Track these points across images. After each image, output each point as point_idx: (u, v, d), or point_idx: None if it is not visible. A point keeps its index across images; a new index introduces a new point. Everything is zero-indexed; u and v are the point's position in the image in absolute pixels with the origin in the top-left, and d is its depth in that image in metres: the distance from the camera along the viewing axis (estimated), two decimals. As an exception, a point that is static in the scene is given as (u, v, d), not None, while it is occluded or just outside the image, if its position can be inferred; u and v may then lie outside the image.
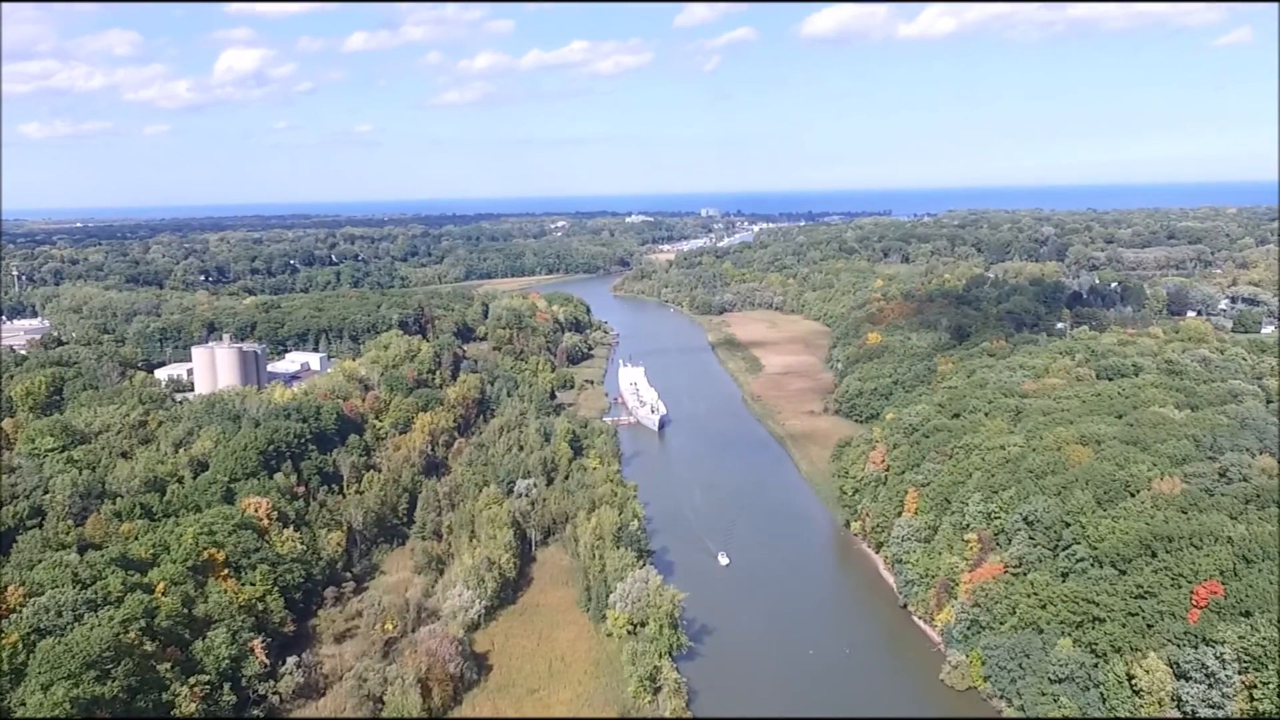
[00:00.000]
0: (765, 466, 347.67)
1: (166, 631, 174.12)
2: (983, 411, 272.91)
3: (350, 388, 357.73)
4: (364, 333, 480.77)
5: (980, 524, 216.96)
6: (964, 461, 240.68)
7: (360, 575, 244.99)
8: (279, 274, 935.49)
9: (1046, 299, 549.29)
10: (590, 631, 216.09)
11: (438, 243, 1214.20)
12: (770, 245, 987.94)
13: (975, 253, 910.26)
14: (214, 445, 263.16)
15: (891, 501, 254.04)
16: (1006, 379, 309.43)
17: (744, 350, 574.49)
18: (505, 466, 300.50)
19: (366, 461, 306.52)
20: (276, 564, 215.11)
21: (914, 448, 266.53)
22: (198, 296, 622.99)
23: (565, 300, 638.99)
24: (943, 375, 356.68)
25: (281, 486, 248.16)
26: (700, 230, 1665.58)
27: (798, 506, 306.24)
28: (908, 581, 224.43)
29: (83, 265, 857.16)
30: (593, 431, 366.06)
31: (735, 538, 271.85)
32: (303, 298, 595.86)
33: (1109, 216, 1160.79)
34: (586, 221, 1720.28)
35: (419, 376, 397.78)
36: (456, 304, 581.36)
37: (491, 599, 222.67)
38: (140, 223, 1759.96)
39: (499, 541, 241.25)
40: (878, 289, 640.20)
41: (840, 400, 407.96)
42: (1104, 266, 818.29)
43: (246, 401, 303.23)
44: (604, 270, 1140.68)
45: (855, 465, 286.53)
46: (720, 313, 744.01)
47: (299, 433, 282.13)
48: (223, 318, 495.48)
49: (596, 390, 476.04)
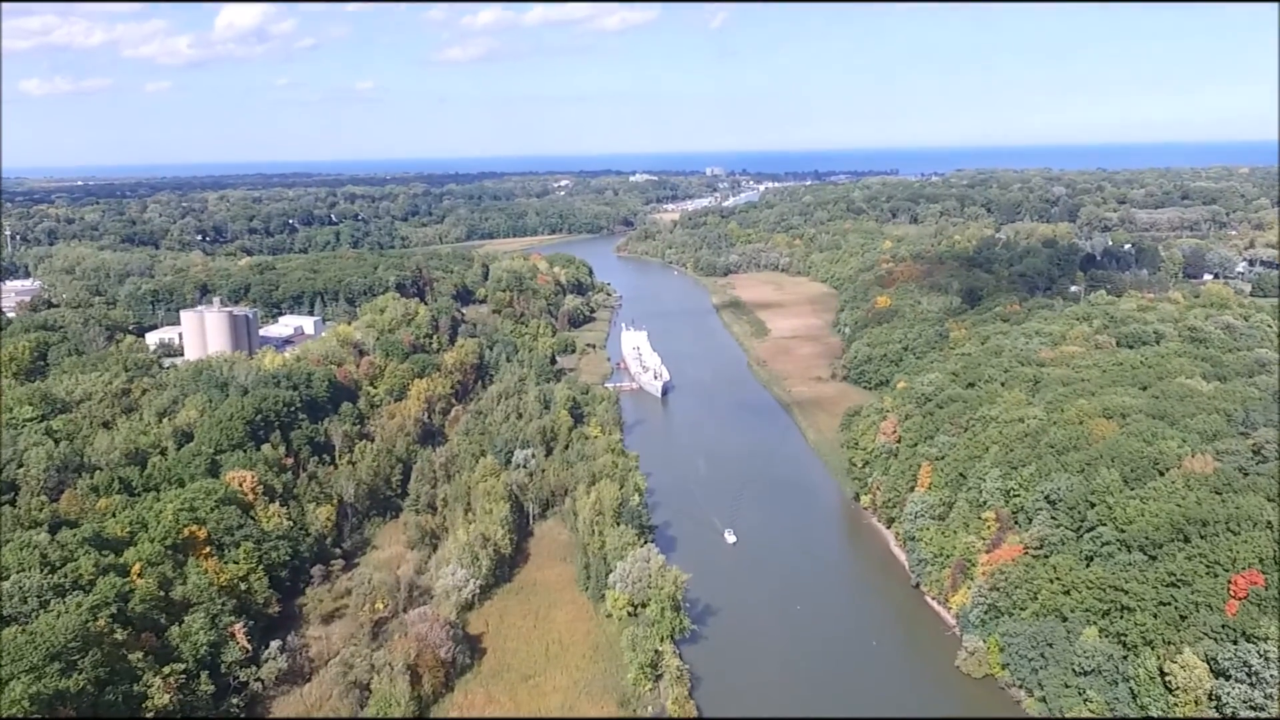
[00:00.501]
0: (771, 435, 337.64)
1: (141, 617, 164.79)
2: (999, 381, 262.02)
3: (344, 353, 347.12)
4: (360, 295, 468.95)
5: (998, 501, 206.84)
6: (980, 434, 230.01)
7: (351, 550, 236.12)
8: (277, 234, 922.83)
9: (1060, 261, 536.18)
10: (589, 612, 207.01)
11: (439, 202, 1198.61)
12: (776, 205, 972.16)
13: (985, 213, 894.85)
14: (199, 415, 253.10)
15: (903, 475, 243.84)
16: (1023, 346, 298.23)
17: (749, 313, 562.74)
18: (503, 436, 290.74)
19: (360, 430, 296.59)
20: (261, 541, 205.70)
21: (927, 419, 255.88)
22: (192, 257, 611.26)
23: (567, 262, 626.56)
24: (955, 341, 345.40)
25: (269, 458, 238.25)
26: (705, 190, 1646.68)
27: (805, 478, 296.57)
28: (921, 560, 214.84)
29: (78, 225, 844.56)
30: (594, 398, 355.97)
31: (740, 512, 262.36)
32: (298, 259, 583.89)
33: (1120, 176, 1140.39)
34: (590, 180, 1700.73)
35: (415, 341, 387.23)
36: (456, 265, 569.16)
37: (486, 577, 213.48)
38: (141, 181, 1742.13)
39: (495, 516, 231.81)
40: (886, 250, 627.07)
41: (848, 366, 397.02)
42: (1117, 228, 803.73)
43: (235, 368, 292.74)
44: (608, 230, 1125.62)
45: (865, 436, 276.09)
46: (725, 274, 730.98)
47: (289, 401, 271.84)
48: (216, 279, 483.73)
49: (598, 355, 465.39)
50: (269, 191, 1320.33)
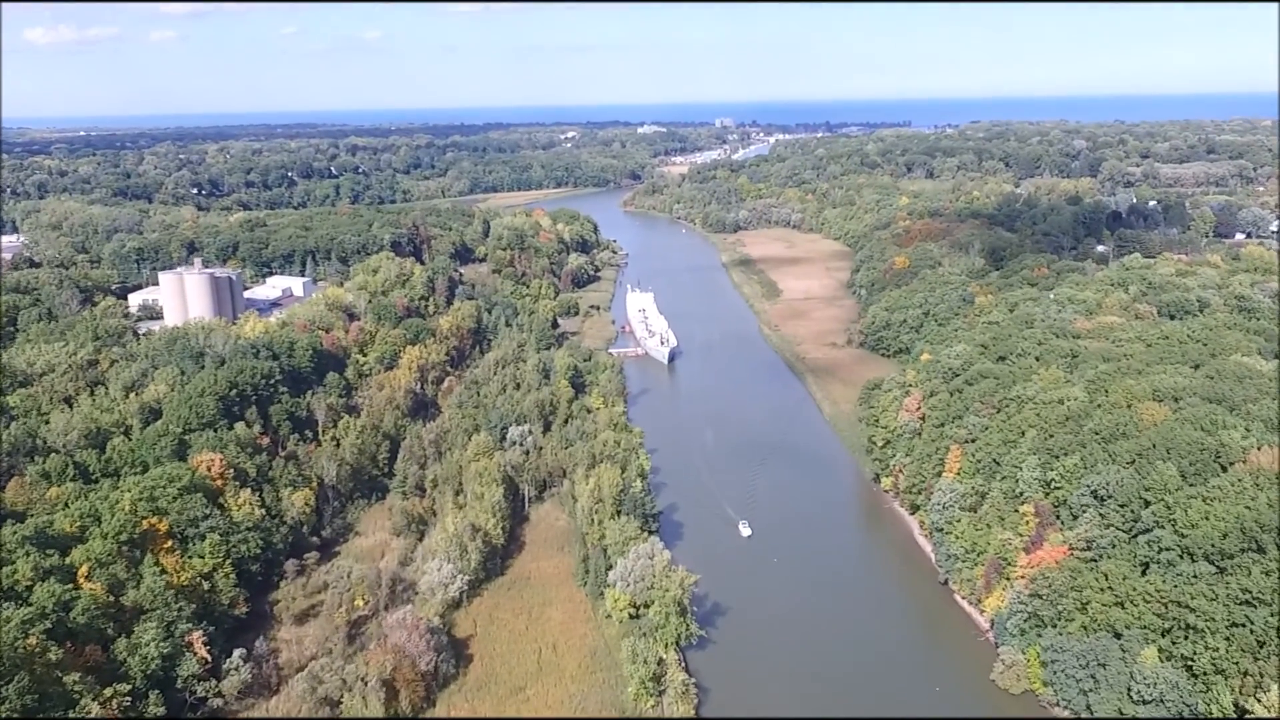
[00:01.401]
0: (785, 407, 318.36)
1: (85, 628, 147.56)
2: (1033, 355, 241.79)
3: (332, 318, 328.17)
4: (354, 254, 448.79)
5: (1037, 494, 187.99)
6: (1015, 417, 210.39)
7: (331, 538, 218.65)
8: (275, 187, 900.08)
9: (1086, 220, 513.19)
10: (587, 611, 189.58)
11: (442, 154, 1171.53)
12: (788, 159, 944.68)
13: (1003, 168, 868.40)
14: (169, 390, 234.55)
15: (929, 459, 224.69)
16: (1055, 315, 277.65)
17: (760, 273, 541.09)
18: (499, 409, 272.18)
19: (346, 403, 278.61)
20: (230, 533, 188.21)
21: (955, 397, 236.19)
22: (183, 212, 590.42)
23: (571, 218, 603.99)
24: (981, 308, 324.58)
25: (242, 438, 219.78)
26: (715, 141, 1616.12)
27: (821, 456, 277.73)
28: (950, 556, 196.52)
29: (71, 177, 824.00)
30: (596, 366, 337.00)
31: (753, 495, 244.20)
32: (291, 215, 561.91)
33: (1141, 129, 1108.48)
34: (597, 132, 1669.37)
35: (409, 304, 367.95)
36: (455, 222, 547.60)
37: (475, 572, 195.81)
38: (143, 131, 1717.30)
39: (486, 502, 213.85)
40: (903, 207, 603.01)
41: (865, 331, 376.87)
42: (1140, 183, 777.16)
43: (212, 336, 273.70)
44: (614, 184, 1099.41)
45: (886, 413, 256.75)
46: (735, 230, 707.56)
47: (268, 373, 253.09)
48: (204, 237, 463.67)
49: (602, 317, 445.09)
50: (270, 143, 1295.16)
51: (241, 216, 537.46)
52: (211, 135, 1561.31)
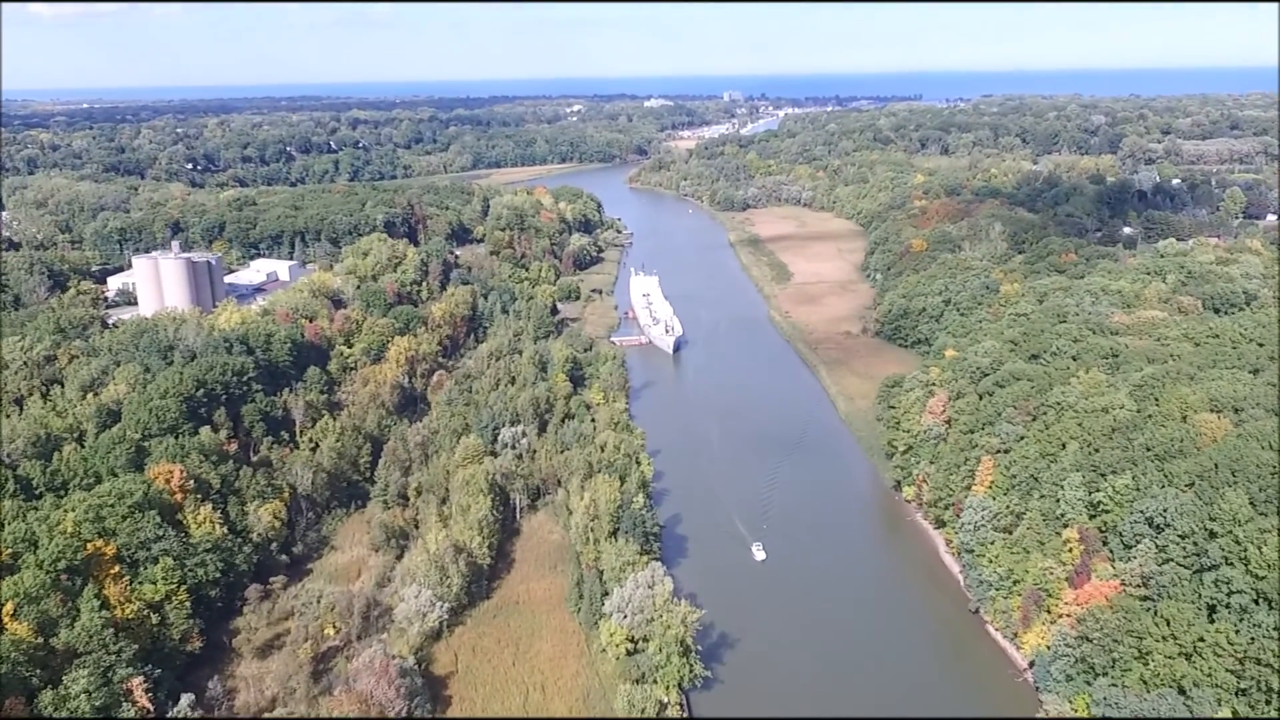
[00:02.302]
0: (796, 404, 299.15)
1: (6, 679, 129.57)
2: (1069, 354, 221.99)
3: (317, 305, 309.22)
4: (345, 235, 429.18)
5: (1081, 516, 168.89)
6: (1054, 426, 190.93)
7: (303, 555, 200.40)
8: (273, 162, 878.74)
9: (1110, 200, 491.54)
10: (580, 643, 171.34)
11: (445, 128, 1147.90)
12: (799, 134, 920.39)
13: (1020, 144, 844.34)
14: (129, 390, 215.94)
15: (958, 470, 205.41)
16: (1090, 308, 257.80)
17: (770, 255, 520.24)
18: (491, 408, 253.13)
19: (328, 400, 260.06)
20: (186, 556, 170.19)
21: (985, 400, 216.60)
22: (172, 189, 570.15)
23: (574, 196, 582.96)
24: (1006, 298, 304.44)
25: (207, 445, 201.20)
26: (723, 115, 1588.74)
27: (836, 459, 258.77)
28: (982, 581, 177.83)
29: (63, 152, 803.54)
30: (597, 358, 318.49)
31: (764, 505, 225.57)
32: (282, 193, 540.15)
33: (1159, 104, 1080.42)
34: (604, 105, 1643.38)
35: (401, 290, 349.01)
36: (453, 200, 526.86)
37: (458, 597, 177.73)
38: (146, 105, 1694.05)
39: (472, 517, 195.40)
40: (918, 185, 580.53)
41: (881, 320, 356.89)
42: (1162, 160, 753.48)
43: (183, 328, 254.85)
44: (620, 159, 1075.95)
45: (908, 415, 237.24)
46: (744, 209, 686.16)
47: (240, 369, 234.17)
48: (190, 216, 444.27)
49: (605, 303, 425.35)
50: (272, 116, 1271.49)
51: (231, 195, 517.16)
52: (215, 108, 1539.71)
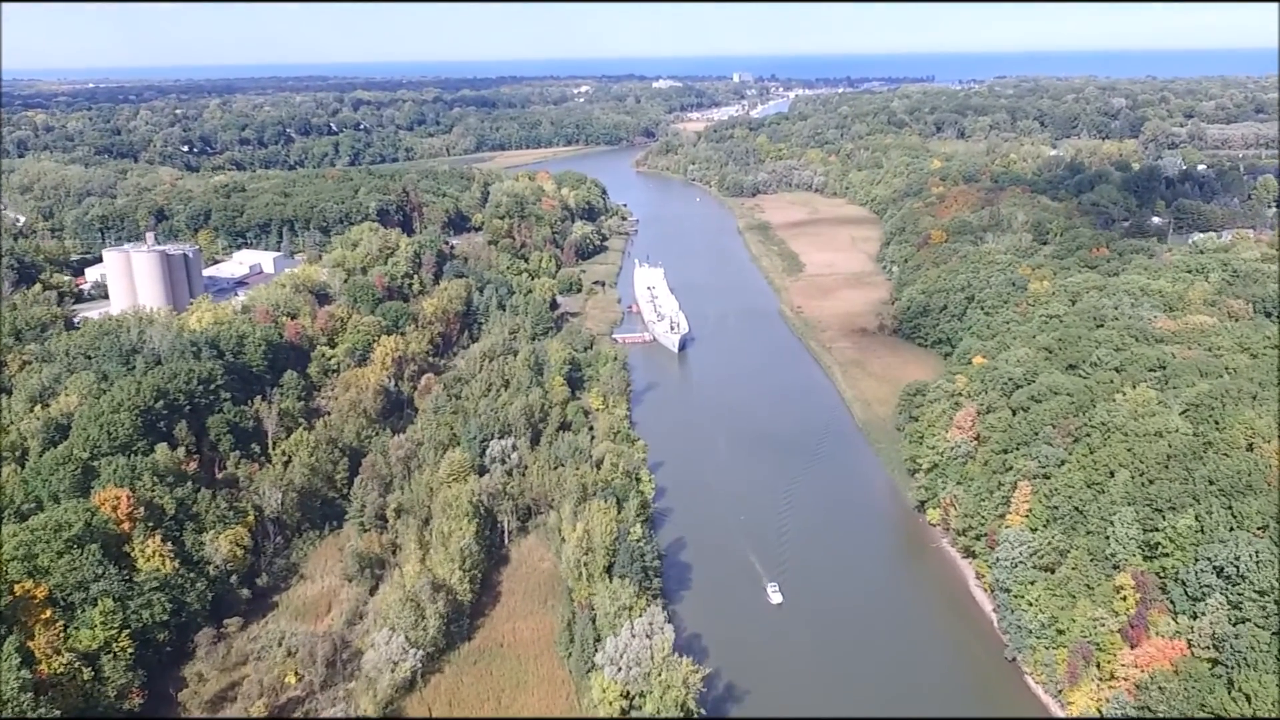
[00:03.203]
0: (810, 410, 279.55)
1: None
2: (1111, 365, 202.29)
3: (299, 301, 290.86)
4: (336, 224, 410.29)
5: (1135, 558, 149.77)
6: (1100, 451, 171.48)
7: (269, 586, 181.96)
8: (271, 144, 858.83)
9: (1138, 189, 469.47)
10: (570, 696, 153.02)
11: (449, 110, 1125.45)
12: (810, 117, 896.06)
13: (1039, 127, 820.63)
14: (81, 402, 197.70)
15: (990, 495, 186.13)
16: (1130, 312, 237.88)
17: (781, 244, 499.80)
18: (481, 416, 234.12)
19: (306, 407, 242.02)
20: (129, 596, 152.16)
21: (1020, 417, 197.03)
22: (162, 173, 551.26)
23: (578, 182, 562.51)
24: (1035, 297, 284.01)
25: (162, 464, 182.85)
26: (732, 96, 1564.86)
27: (853, 473, 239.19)
28: (1020, 627, 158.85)
29: (56, 134, 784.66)
30: (597, 358, 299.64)
31: (775, 525, 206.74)
32: (275, 179, 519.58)
33: (1179, 86, 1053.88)
34: (612, 86, 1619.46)
35: (391, 284, 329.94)
36: (451, 186, 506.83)
37: (434, 641, 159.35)
38: (150, 85, 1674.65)
39: (454, 547, 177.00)
40: (934, 171, 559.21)
41: (899, 317, 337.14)
42: (1185, 144, 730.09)
43: (149, 330, 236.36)
44: (627, 142, 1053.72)
45: (933, 429, 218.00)
46: (753, 194, 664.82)
47: (208, 376, 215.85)
48: (175, 204, 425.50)
49: (608, 295, 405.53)
50: (275, 97, 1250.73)
51: (219, 181, 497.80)
52: (220, 88, 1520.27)
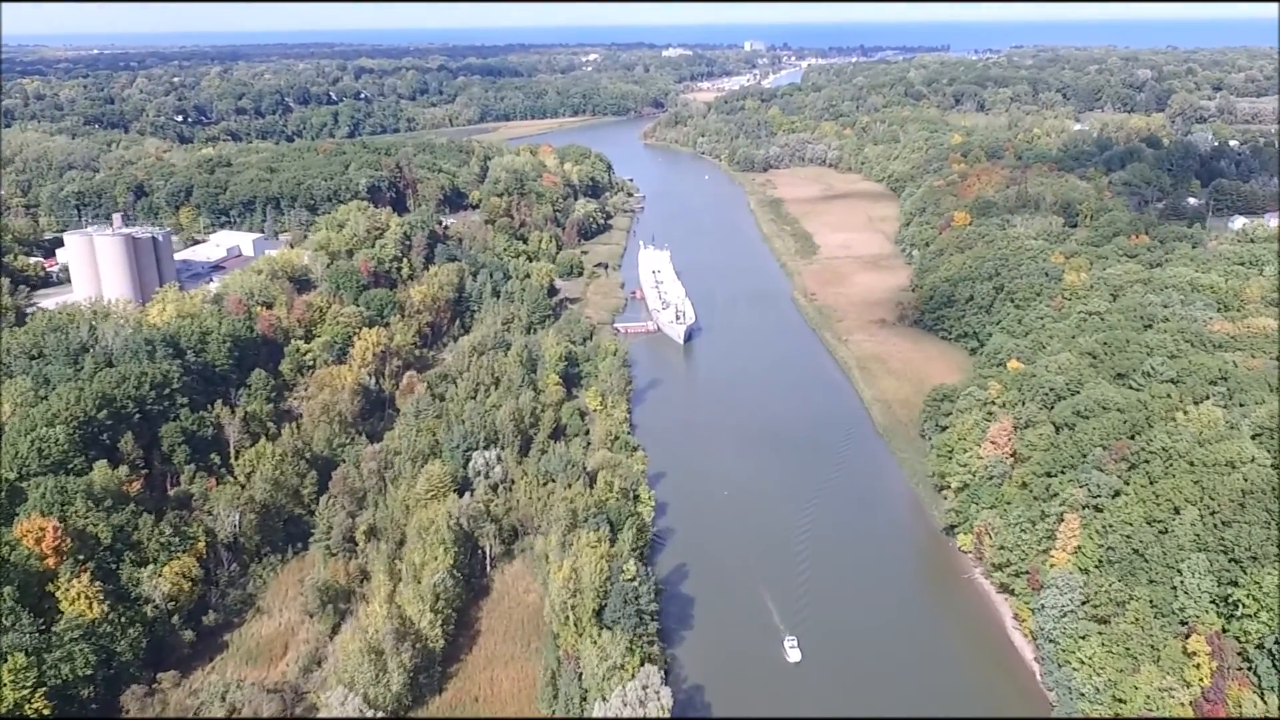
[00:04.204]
0: (826, 412, 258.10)
1: None
2: (1167, 377, 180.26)
3: (276, 289, 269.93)
4: (325, 201, 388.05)
5: (1209, 616, 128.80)
6: (1162, 482, 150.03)
7: (219, 624, 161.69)
8: (269, 114, 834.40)
9: (1172, 166, 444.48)
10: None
11: (453, 79, 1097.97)
12: (824, 88, 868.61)
13: (1061, 100, 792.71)
14: (13, 412, 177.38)
15: (1032, 526, 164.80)
16: (1181, 311, 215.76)
17: (794, 223, 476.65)
18: (465, 424, 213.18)
19: (276, 409, 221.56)
20: (47, 648, 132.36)
21: (1065, 435, 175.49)
22: (148, 145, 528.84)
23: (582, 156, 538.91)
24: (1072, 290, 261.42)
25: (99, 486, 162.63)
26: (744, 66, 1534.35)
27: (875, 487, 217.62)
28: (1069, 689, 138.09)
29: (47, 102, 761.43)
30: (597, 351, 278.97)
31: (789, 555, 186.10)
32: (265, 152, 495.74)
33: (1203, 57, 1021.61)
34: (620, 55, 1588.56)
35: (378, 268, 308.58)
36: (449, 160, 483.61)
37: (398, 699, 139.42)
38: (155, 51, 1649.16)
39: (425, 584, 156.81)
40: (955, 146, 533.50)
41: (922, 307, 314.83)
42: (1214, 118, 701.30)
43: (103, 324, 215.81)
44: (635, 112, 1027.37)
45: (963, 443, 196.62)
46: (765, 169, 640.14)
47: (162, 380, 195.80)
48: (156, 179, 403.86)
49: (610, 279, 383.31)
50: (277, 65, 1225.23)
51: (205, 154, 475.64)
52: (226, 55, 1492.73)
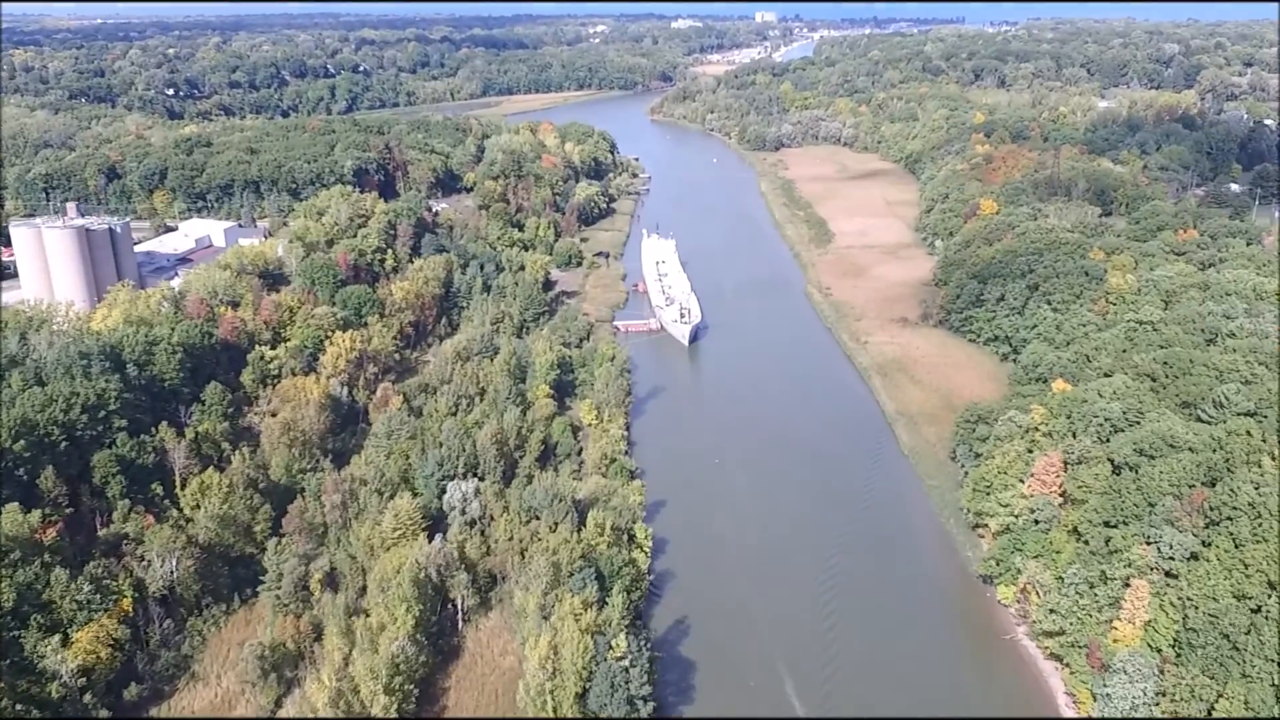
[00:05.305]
0: (844, 430, 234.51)
1: None
2: (1243, 409, 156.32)
3: (242, 287, 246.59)
4: (308, 185, 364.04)
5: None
6: (1251, 547, 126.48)
7: (142, 697, 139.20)
8: (264, 88, 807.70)
9: (1211, 150, 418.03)
10: None
11: (455, 50, 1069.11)
12: (838, 62, 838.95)
13: (1085, 75, 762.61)
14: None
15: (1090, 589, 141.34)
16: (1248, 324, 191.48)
17: (807, 207, 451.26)
18: (442, 446, 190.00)
19: (234, 427, 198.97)
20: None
21: (1127, 477, 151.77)
22: (128, 122, 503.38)
23: (584, 135, 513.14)
24: (1117, 292, 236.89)
25: (3, 538, 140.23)
26: (754, 38, 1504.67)
27: (898, 519, 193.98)
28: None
29: (32, 75, 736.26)
30: (593, 355, 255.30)
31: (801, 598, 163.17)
32: (246, 130, 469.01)
33: (1229, 29, 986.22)
34: (629, 26, 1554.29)
35: (359, 261, 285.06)
36: (443, 140, 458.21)
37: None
38: (159, 20, 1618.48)
39: (384, 652, 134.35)
40: (978, 126, 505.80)
41: (946, 306, 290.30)
42: (1246, 95, 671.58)
43: (37, 333, 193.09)
44: (642, 85, 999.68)
45: (1004, 478, 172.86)
46: (776, 148, 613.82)
47: (96, 401, 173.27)
48: (130, 160, 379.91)
49: (612, 270, 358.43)
50: (277, 35, 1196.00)
51: (185, 132, 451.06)
52: (230, 26, 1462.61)
